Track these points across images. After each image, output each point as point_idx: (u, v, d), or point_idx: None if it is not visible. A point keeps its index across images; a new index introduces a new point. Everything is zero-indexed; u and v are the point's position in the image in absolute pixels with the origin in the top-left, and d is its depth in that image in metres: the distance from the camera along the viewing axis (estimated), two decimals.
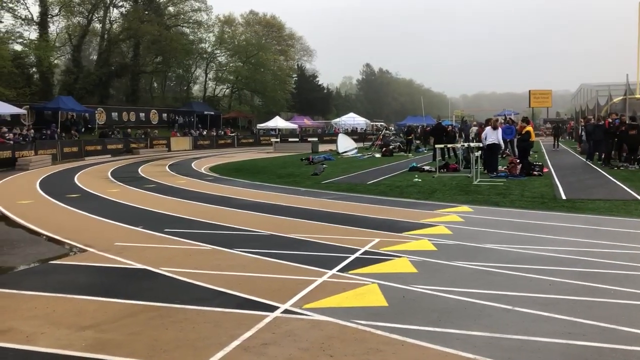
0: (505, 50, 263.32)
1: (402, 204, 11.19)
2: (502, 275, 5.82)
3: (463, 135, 28.62)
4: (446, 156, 22.69)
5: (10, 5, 38.79)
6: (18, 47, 39.91)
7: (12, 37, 38.87)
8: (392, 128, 46.44)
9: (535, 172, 16.29)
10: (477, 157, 15.82)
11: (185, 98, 56.80)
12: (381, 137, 36.10)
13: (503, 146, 18.31)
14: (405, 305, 4.90)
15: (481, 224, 8.84)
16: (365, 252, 6.89)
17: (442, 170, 17.80)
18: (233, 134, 47.66)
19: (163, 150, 36.68)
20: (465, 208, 10.50)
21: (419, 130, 39.83)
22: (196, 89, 63.98)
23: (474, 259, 6.52)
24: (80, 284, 5.74)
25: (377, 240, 7.59)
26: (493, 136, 16.87)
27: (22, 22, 40.49)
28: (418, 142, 34.95)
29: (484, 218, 9.41)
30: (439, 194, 12.56)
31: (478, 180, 14.98)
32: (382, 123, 62.99)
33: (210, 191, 14.11)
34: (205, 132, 46.50)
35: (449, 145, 21.64)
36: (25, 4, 41.07)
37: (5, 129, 27.53)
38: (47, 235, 8.42)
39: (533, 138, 18.83)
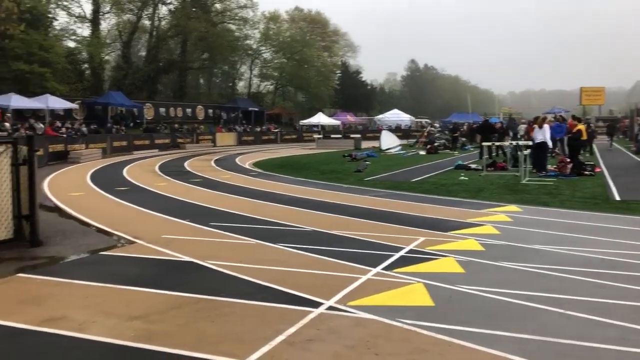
0: (555, 47, 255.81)
1: (447, 203, 11.01)
2: (553, 278, 5.64)
3: (510, 133, 27.99)
4: (493, 154, 22.23)
5: (65, 3, 40.23)
6: (71, 44, 41.39)
7: (66, 35, 40.33)
8: (437, 125, 45.75)
9: (587, 172, 15.76)
10: (525, 155, 15.43)
11: (230, 94, 57.57)
12: (426, 134, 35.65)
13: (551, 144, 17.71)
14: (452, 306, 4.81)
15: (530, 224, 8.61)
16: (410, 251, 6.81)
17: (489, 168, 17.44)
18: (276, 130, 48.03)
19: (208, 146, 37.27)
20: (513, 207, 10.25)
21: (465, 127, 39.18)
22: (241, 85, 64.79)
23: (522, 260, 6.35)
24: (129, 275, 5.88)
25: (422, 239, 7.49)
26: (541, 134, 16.41)
27: (76, 19, 41.93)
28: (464, 139, 34.37)
29: (533, 218, 9.16)
30: (486, 193, 12.31)
31: (527, 179, 14.61)
32: (426, 120, 62.21)
33: (254, 186, 14.24)
34: (250, 128, 47.03)
35: (496, 144, 21.18)
36: (79, 1, 42.51)
37: (58, 123, 28.56)
38: (97, 227, 8.66)
39: (584, 136, 18.24)
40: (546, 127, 16.73)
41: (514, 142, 18.98)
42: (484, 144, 19.26)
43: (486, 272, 5.87)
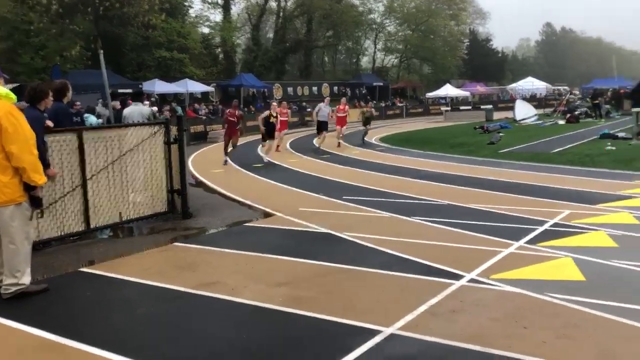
0: None
1: (593, 174, 10.23)
2: None
3: None
4: None
5: None
6: (206, 30, 43.86)
7: (201, 21, 42.81)
8: (577, 92, 42.36)
9: None
10: None
11: (354, 70, 57.70)
12: (564, 102, 33.20)
13: None
14: (606, 281, 4.50)
15: None
16: (555, 225, 6.45)
17: None
18: (402, 104, 47.42)
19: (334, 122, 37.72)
20: None
21: (609, 93, 35.92)
22: (365, 60, 64.55)
23: None
24: (272, 244, 6.19)
25: (567, 212, 7.05)
26: None
27: (209, 6, 44.32)
28: (608, 106, 31.55)
29: None
30: (639, 163, 11.24)
31: None
32: (564, 87, 57.82)
33: (383, 161, 14.24)
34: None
35: None
36: None
37: (197, 105, 30.58)
38: (239, 200, 9.19)
39: None
40: None
41: None
42: (635, 109, 17.52)
43: None
